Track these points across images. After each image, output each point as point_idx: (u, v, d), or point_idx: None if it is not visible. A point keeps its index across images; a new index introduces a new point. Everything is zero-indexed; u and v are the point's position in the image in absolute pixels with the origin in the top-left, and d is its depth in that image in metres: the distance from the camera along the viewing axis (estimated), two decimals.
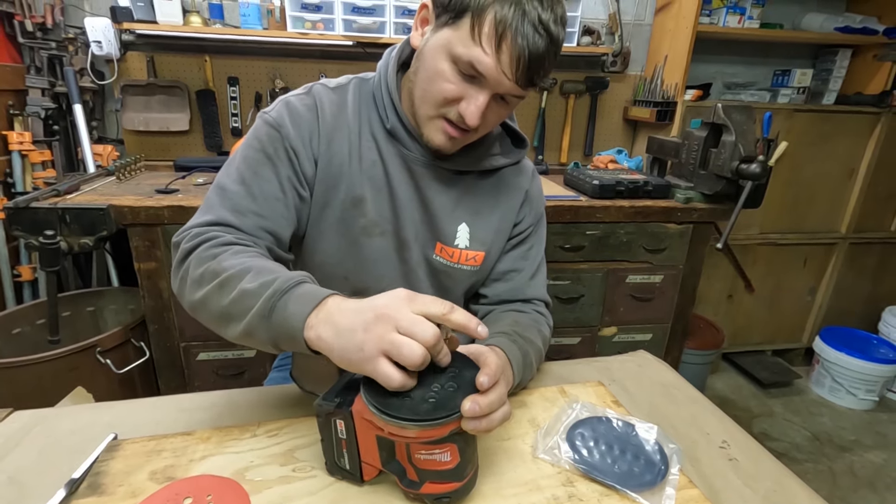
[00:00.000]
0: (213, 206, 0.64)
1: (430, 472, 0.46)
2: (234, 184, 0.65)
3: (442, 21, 0.61)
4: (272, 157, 0.66)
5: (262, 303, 0.50)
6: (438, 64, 0.61)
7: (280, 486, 0.51)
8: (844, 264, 2.27)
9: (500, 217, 0.78)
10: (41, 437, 0.58)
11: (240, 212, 0.64)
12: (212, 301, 0.55)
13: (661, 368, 0.79)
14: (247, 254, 0.58)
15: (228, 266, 0.55)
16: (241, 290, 0.52)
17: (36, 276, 1.68)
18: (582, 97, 2.12)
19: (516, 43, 0.56)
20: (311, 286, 0.52)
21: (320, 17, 1.70)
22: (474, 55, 0.58)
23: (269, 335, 0.51)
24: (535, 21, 0.56)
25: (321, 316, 0.48)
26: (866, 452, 1.85)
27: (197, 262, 0.58)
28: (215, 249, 0.58)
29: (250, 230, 0.64)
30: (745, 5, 1.90)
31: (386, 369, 0.43)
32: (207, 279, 0.55)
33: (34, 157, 1.64)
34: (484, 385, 0.45)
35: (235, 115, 1.89)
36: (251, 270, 0.54)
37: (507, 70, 0.58)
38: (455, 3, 0.59)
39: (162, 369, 1.48)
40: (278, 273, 0.53)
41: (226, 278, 0.54)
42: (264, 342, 0.52)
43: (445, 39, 0.60)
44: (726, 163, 1.46)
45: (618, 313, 1.70)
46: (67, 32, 1.67)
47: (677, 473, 0.53)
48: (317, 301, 0.49)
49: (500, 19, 0.56)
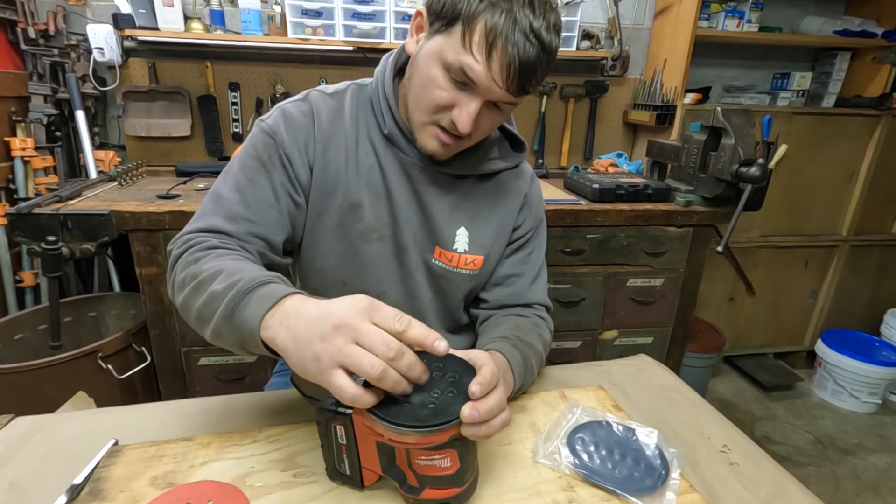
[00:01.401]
0: (207, 213, 0.65)
1: (431, 477, 0.46)
2: (230, 191, 0.66)
3: (435, 28, 0.61)
4: (267, 165, 0.67)
5: (226, 304, 0.51)
6: (431, 71, 0.62)
7: (281, 492, 0.51)
8: (845, 267, 2.27)
9: (498, 221, 0.78)
10: (42, 443, 0.58)
11: (232, 218, 0.65)
12: (190, 304, 0.56)
13: (661, 372, 0.79)
14: (228, 257, 0.59)
15: (206, 269, 0.56)
16: (211, 292, 0.53)
17: (38, 282, 1.69)
18: (582, 101, 2.13)
19: (506, 51, 0.56)
20: (274, 286, 0.51)
21: (321, 23, 1.71)
22: (465, 62, 0.58)
23: (234, 336, 0.51)
24: (527, 29, 0.56)
25: (277, 317, 0.47)
26: (869, 456, 1.84)
27: (182, 267, 0.59)
28: (198, 254, 0.60)
29: (241, 236, 0.65)
30: (743, 9, 1.90)
31: (340, 381, 0.41)
32: (187, 282, 0.57)
33: (36, 163, 1.65)
34: (475, 394, 0.44)
35: (236, 121, 1.90)
36: (223, 272, 0.54)
37: (497, 78, 0.58)
38: (447, 11, 0.59)
39: (163, 374, 1.49)
40: (244, 274, 0.53)
41: (200, 281, 0.55)
42: (231, 343, 0.53)
43: (438, 46, 0.61)
44: (726, 166, 1.47)
45: (618, 317, 1.70)
46: (70, 39, 1.68)
47: (678, 478, 0.53)
48: (273, 301, 0.48)
49: (491, 27, 0.56)
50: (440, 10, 0.60)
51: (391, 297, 0.77)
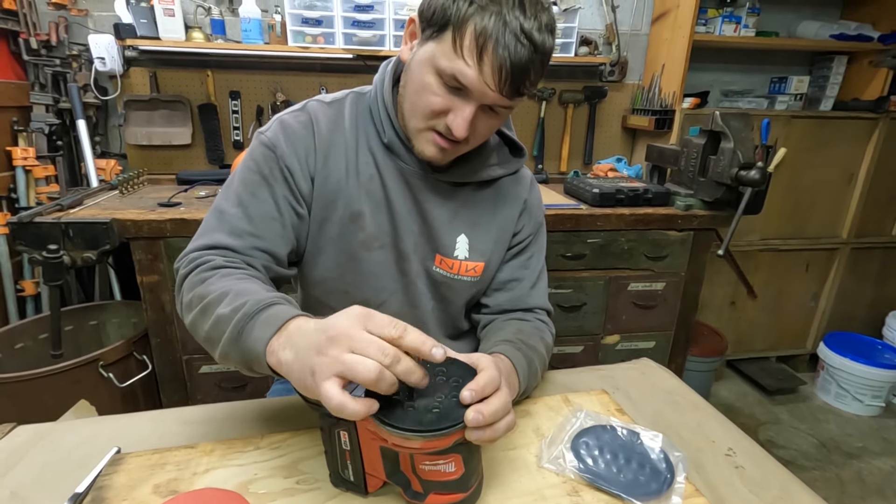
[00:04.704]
0: (211, 230, 0.65)
1: (435, 482, 0.46)
2: (232, 206, 0.66)
3: (427, 35, 0.62)
4: (268, 178, 0.67)
5: (232, 328, 0.51)
6: (424, 77, 0.62)
7: (284, 499, 0.50)
8: (847, 269, 2.27)
9: (498, 227, 0.78)
10: (44, 451, 0.58)
11: (236, 234, 0.65)
12: (198, 326, 0.57)
13: (664, 376, 0.79)
14: (234, 276, 0.59)
15: (212, 290, 0.56)
16: (217, 316, 0.53)
17: (39, 291, 1.69)
18: (581, 106, 2.14)
19: (497, 53, 0.56)
20: (280, 308, 0.51)
21: (321, 32, 1.72)
22: (457, 68, 0.58)
23: (241, 359, 0.52)
24: (517, 30, 0.56)
25: (281, 340, 0.48)
26: (874, 459, 1.83)
27: (189, 288, 0.60)
28: (204, 274, 0.60)
29: (246, 251, 0.65)
30: (740, 14, 1.92)
31: (328, 390, 0.41)
32: (195, 304, 0.57)
33: (38, 172, 1.65)
34: (466, 400, 0.44)
35: (237, 129, 1.90)
36: (229, 294, 0.54)
37: (489, 81, 0.58)
38: (438, 17, 0.59)
39: (164, 383, 1.48)
40: (250, 296, 0.53)
41: (207, 303, 0.55)
42: (239, 365, 0.53)
43: (430, 53, 0.61)
44: (725, 170, 1.47)
45: (620, 321, 1.70)
46: (71, 49, 1.69)
47: (683, 482, 0.53)
48: (278, 325, 0.49)
49: (481, 31, 0.56)
50: (431, 16, 0.60)
51: (392, 305, 0.77)
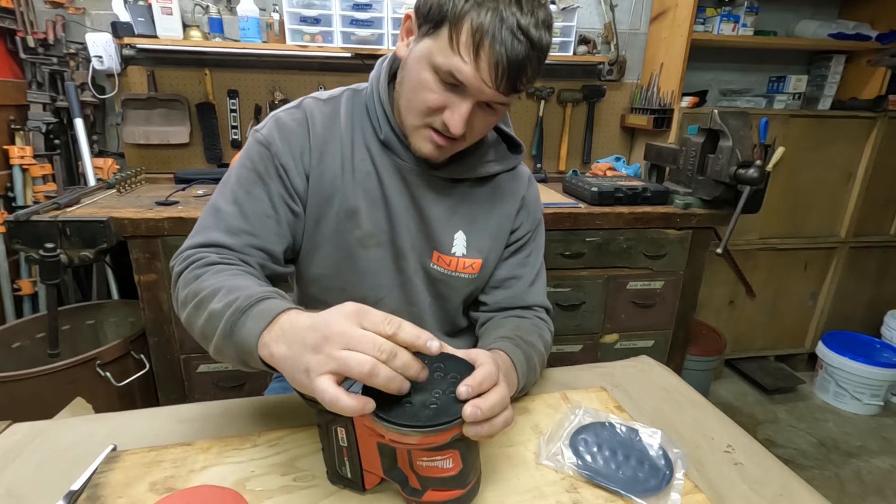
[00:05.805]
0: (207, 227, 0.66)
1: (433, 479, 0.46)
2: (228, 204, 0.66)
3: (423, 31, 0.62)
4: (263, 176, 0.67)
5: (224, 322, 0.51)
6: (421, 74, 0.62)
7: (281, 496, 0.50)
8: (845, 268, 2.27)
9: (496, 224, 0.78)
10: (40, 449, 0.57)
11: (232, 232, 0.65)
12: (193, 322, 0.57)
13: (663, 373, 0.79)
14: (227, 272, 0.59)
15: (206, 286, 0.56)
16: (210, 311, 0.53)
17: (36, 290, 1.68)
18: (579, 105, 2.14)
19: (494, 50, 0.56)
20: (271, 302, 0.51)
21: (319, 30, 1.72)
22: (453, 64, 0.58)
23: (235, 354, 0.52)
24: (514, 27, 0.56)
25: (273, 333, 0.48)
26: (873, 458, 1.83)
27: (183, 285, 0.60)
28: (198, 270, 0.60)
29: (241, 249, 0.65)
30: (738, 13, 1.92)
31: (322, 385, 0.41)
32: (189, 301, 0.57)
33: (35, 171, 1.65)
34: (462, 395, 0.44)
35: (235, 128, 1.90)
36: (222, 289, 0.54)
37: (486, 77, 0.58)
38: (434, 13, 0.59)
39: (162, 382, 1.48)
40: (242, 291, 0.53)
41: (200, 299, 0.56)
42: (233, 360, 0.53)
43: (426, 49, 0.61)
44: (724, 168, 1.47)
45: (619, 320, 1.70)
46: (69, 48, 1.69)
47: (682, 478, 0.53)
48: (269, 318, 0.49)
49: (477, 27, 0.56)
50: (427, 12, 0.60)
51: (390, 302, 0.77)
